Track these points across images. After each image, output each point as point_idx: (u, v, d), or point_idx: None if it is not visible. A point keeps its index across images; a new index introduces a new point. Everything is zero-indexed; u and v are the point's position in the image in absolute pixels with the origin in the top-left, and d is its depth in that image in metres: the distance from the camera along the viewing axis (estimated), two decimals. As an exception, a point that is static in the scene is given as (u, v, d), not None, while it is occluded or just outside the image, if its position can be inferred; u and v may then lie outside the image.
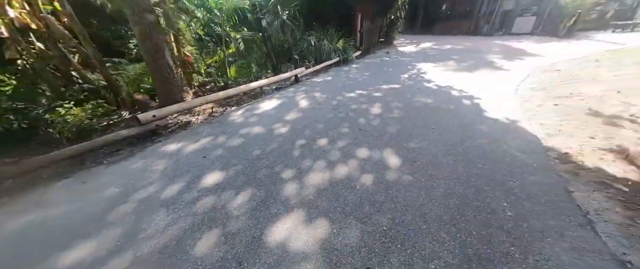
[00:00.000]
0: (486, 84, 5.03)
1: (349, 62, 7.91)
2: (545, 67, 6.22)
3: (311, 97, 4.62)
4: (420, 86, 5.09)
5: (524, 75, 5.61)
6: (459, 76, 5.79)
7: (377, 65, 7.52)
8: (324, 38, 7.44)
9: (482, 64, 7.05)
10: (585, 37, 11.25)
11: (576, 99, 3.91)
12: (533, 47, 9.50)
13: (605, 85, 4.53)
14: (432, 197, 1.94)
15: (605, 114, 3.26)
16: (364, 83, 5.46)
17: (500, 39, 12.11)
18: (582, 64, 6.40)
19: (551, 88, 4.58)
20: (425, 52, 9.86)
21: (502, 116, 3.39)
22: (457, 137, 2.86)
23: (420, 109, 3.79)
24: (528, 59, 7.52)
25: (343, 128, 3.22)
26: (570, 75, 5.40)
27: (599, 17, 13.65)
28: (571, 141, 2.69)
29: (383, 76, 6.13)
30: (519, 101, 4.01)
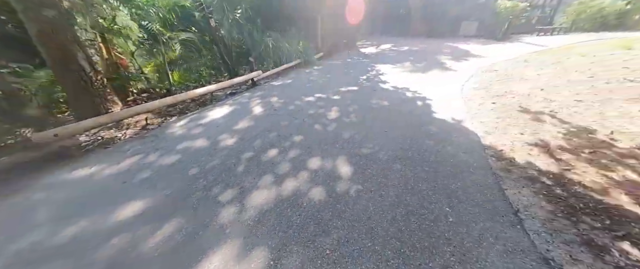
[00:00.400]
0: (437, 84, 5.34)
1: (310, 64, 7.80)
2: (485, 68, 6.88)
3: (267, 102, 4.36)
4: (377, 87, 5.19)
5: (468, 75, 6.11)
6: (414, 77, 6.08)
7: (338, 68, 7.54)
8: (284, 40, 7.20)
9: (434, 65, 7.53)
10: (517, 39, 12.91)
11: (509, 97, 4.35)
12: (476, 48, 10.54)
13: (531, 83, 5.13)
14: (380, 208, 1.87)
15: (531, 111, 3.66)
16: (323, 86, 5.38)
17: (450, 41, 13.24)
18: (514, 64, 7.25)
19: (490, 87, 5.05)
20: (385, 54, 10.25)
21: (449, 116, 3.58)
22: (408, 140, 2.90)
23: (376, 112, 3.81)
24: (472, 59, 8.28)
25: (297, 136, 3.05)
26: (505, 74, 6.05)
27: (527, 22, 15.81)
28: (505, 137, 2.92)
29: (343, 78, 6.14)
30: (463, 100, 4.31)
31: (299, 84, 5.66)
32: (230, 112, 3.89)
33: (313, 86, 5.44)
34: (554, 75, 5.62)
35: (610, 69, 5.74)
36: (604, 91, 4.23)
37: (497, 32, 13.12)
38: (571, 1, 17.43)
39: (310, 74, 6.70)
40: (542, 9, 16.93)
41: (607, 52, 8.05)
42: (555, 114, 3.49)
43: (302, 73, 6.83)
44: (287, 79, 6.10)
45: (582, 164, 2.34)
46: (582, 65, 6.50)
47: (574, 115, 3.39)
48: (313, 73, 6.78)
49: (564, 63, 6.83)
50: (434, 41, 13.66)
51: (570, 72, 5.84)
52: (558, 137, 2.84)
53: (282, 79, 6.14)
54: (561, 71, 5.99)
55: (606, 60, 6.93)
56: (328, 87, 5.26)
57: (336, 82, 5.73)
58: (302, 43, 7.75)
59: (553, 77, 5.42)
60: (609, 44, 9.58)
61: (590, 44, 10.73)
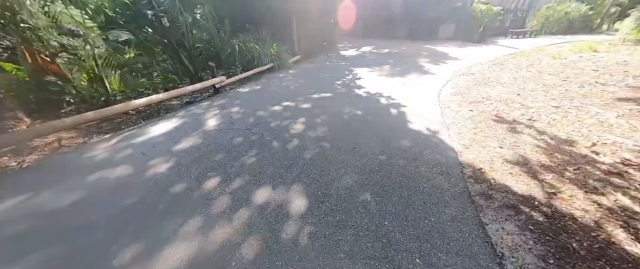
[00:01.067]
0: (414, 89, 5.06)
1: (285, 68, 7.32)
2: (463, 71, 6.76)
3: (226, 113, 3.82)
4: (352, 94, 4.82)
5: (446, 79, 5.92)
6: (392, 81, 5.79)
7: (314, 71, 7.13)
8: (254, 42, 6.66)
9: (412, 68, 7.33)
10: (492, 42, 13.23)
11: (487, 103, 4.13)
12: (454, 51, 10.59)
13: (508, 87, 5.00)
14: (332, 265, 1.44)
15: (509, 119, 3.43)
16: (294, 92, 4.92)
17: (430, 43, 13.33)
18: (491, 67, 7.22)
19: (467, 92, 4.85)
20: (365, 57, 10.00)
21: (425, 127, 3.25)
22: (377, 159, 2.51)
23: (346, 123, 3.40)
24: (450, 62, 8.20)
25: (249, 157, 2.56)
26: (482, 78, 5.93)
27: (500, 25, 16.37)
28: (484, 153, 2.62)
29: (317, 83, 5.72)
30: (440, 107, 4.03)
31: (268, 90, 5.16)
32: (176, 127, 3.31)
33: (283, 92, 4.97)
34: (529, 78, 5.56)
35: (581, 72, 5.78)
36: (578, 95, 4.13)
37: (474, 35, 13.37)
38: (540, 5, 18.35)
39: (283, 78, 6.22)
40: (515, 13, 17.64)
41: (575, 55, 8.29)
42: (534, 122, 3.27)
43: (274, 78, 6.33)
44: (256, 85, 5.58)
45: (567, 186, 2.06)
46: (555, 68, 6.56)
47: (552, 123, 3.19)
48: (286, 78, 6.31)
49: (537, 66, 6.88)
50: (413, 44, 13.68)
51: (544, 75, 5.81)
52: (539, 151, 2.58)
53: (251, 85, 5.61)
54: (536, 74, 5.97)
55: (576, 62, 7.06)
56: (299, 94, 4.81)
57: (309, 87, 5.30)
58: (275, 46, 7.25)
59: (528, 81, 5.34)
60: (576, 47, 9.95)
61: (559, 47, 11.16)
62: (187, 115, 3.77)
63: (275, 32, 9.46)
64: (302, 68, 7.63)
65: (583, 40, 13.16)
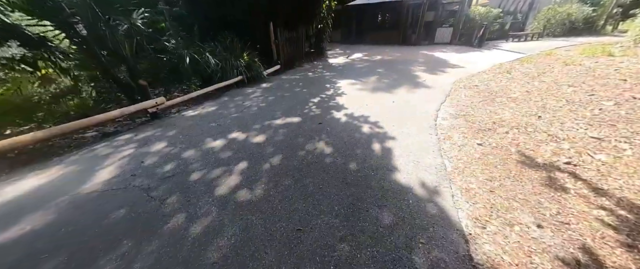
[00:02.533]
0: (406, 110, 4.04)
1: (257, 81, 6.33)
2: (464, 82, 5.76)
3: (139, 155, 2.76)
4: (326, 118, 3.79)
5: (444, 93, 4.91)
6: (379, 98, 4.77)
7: (292, 85, 6.13)
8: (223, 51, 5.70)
9: (405, 79, 6.34)
10: (493, 46, 12.31)
11: (501, 132, 3.10)
12: (453, 57, 9.63)
13: (523, 105, 3.98)
14: None
15: (537, 162, 2.39)
16: (253, 117, 3.89)
17: (426, 49, 12.41)
18: (496, 76, 6.23)
19: (472, 113, 3.82)
20: (353, 65, 9.03)
21: (417, 179, 2.20)
22: (333, 257, 1.46)
23: (303, 172, 2.35)
24: (449, 70, 7.22)
25: (118, 251, 1.52)
26: (488, 91, 4.92)
27: (500, 28, 15.51)
28: (512, 240, 1.57)
29: (289, 101, 4.71)
30: (438, 139, 2.99)
31: (221, 114, 4.12)
32: (38, 187, 2.25)
33: (239, 116, 3.93)
34: (546, 92, 4.55)
35: (607, 83, 4.77)
36: (620, 119, 3.10)
37: (473, 39, 12.48)
38: (541, 7, 17.56)
39: (249, 95, 5.20)
40: (514, 15, 16.83)
41: (590, 60, 7.32)
42: (576, 168, 2.24)
43: (240, 94, 5.32)
44: (210, 106, 4.55)
45: None
46: (572, 77, 5.56)
47: (605, 171, 2.15)
48: (254, 94, 5.30)
49: (551, 74, 5.89)
50: (409, 49, 12.77)
51: (564, 87, 4.81)
52: (606, 236, 1.54)
53: (206, 106, 4.58)
54: (552, 85, 4.96)
55: (595, 70, 6.08)
56: (258, 119, 3.78)
57: (276, 108, 4.28)
58: (246, 55, 6.28)
59: (546, 96, 4.33)
60: (587, 50, 9.01)
61: (567, 50, 10.23)
62: (83, 157, 2.72)
63: (254, 39, 8.55)
64: (278, 81, 6.63)
65: (590, 43, 12.25)
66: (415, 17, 13.97)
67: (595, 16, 16.59)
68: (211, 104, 4.61)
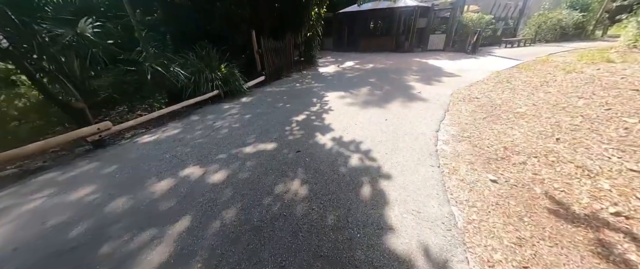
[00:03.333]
0: (401, 129, 3.47)
1: (237, 95, 5.73)
2: (463, 94, 5.27)
3: (50, 208, 2.09)
4: (307, 143, 3.19)
5: (443, 108, 4.38)
6: (369, 115, 4.20)
7: (275, 98, 5.54)
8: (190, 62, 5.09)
9: (398, 90, 5.82)
10: (487, 52, 12.05)
11: (516, 162, 2.54)
12: (448, 65, 9.24)
13: (534, 122, 3.45)
14: None
15: (577, 213, 1.83)
16: (221, 142, 3.26)
17: (419, 56, 12.07)
18: (496, 86, 5.77)
19: (477, 134, 3.27)
20: (344, 74, 8.53)
21: (419, 245, 1.59)
22: None
23: (263, 240, 1.71)
24: (445, 80, 6.75)
25: None
26: (491, 105, 4.41)
27: (493, 34, 15.39)
28: None
29: (268, 119, 4.10)
30: (441, 172, 2.41)
31: (183, 139, 3.47)
32: None
33: (203, 143, 3.29)
34: (556, 105, 4.06)
35: (620, 93, 4.32)
36: (659, 143, 2.60)
37: (466, 45, 12.20)
38: (530, 13, 17.63)
39: (223, 113, 4.58)
40: (506, 21, 16.81)
41: (590, 67, 6.98)
42: (631, 224, 1.67)
43: (213, 112, 4.69)
44: (174, 128, 3.89)
45: None
46: (579, 87, 5.13)
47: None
48: (230, 111, 4.68)
49: (554, 84, 5.46)
50: (402, 56, 12.41)
51: (573, 99, 4.35)
52: None
53: (167, 128, 3.91)
54: (560, 97, 4.50)
55: (599, 78, 5.68)
56: (226, 146, 3.16)
57: (250, 130, 3.67)
58: (224, 67, 5.69)
59: (557, 110, 3.83)
60: (584, 56, 8.74)
61: (563, 56, 9.98)
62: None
63: (237, 49, 7.99)
64: (260, 94, 6.04)
65: (583, 48, 12.11)
66: (407, 24, 13.71)
67: (584, 21, 16.68)
68: (176, 125, 3.97)
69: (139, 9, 7.81)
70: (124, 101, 4.67)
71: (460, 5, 13.19)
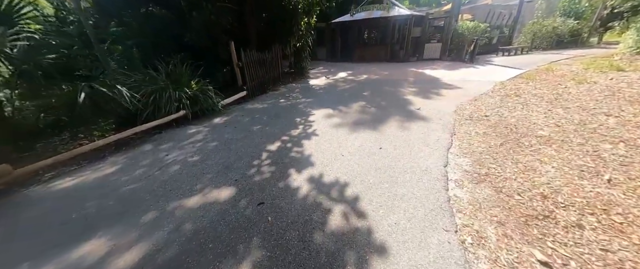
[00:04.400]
0: (398, 167, 2.71)
1: (210, 114, 4.97)
2: (469, 110, 4.58)
3: None
4: (277, 187, 2.41)
5: (448, 130, 3.65)
6: (359, 142, 3.46)
7: (253, 119, 4.79)
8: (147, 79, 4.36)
9: (394, 106, 5.12)
10: (485, 61, 11.58)
11: (569, 226, 1.74)
12: (446, 75, 8.66)
13: (567, 153, 2.69)
14: None
15: None
16: (161, 188, 2.46)
17: (415, 66, 11.55)
18: (504, 100, 5.10)
19: (498, 170, 2.53)
20: (336, 87, 7.87)
21: None
22: None
23: None
24: (445, 93, 6.10)
25: None
26: (505, 126, 3.70)
27: (488, 43, 15.08)
28: None
29: (235, 149, 3.33)
30: (462, 249, 1.64)
31: (114, 183, 2.64)
32: None
33: (136, 190, 2.48)
34: (584, 126, 3.36)
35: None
36: None
37: (463, 54, 11.74)
38: (524, 21, 17.48)
39: (184, 140, 3.80)
40: (501, 30, 16.59)
41: (603, 77, 6.40)
42: None
43: (174, 138, 3.90)
44: (113, 164, 3.08)
45: None
46: (599, 101, 4.49)
47: None
48: (193, 137, 3.90)
49: (569, 97, 4.81)
50: (397, 66, 11.88)
51: (600, 118, 3.66)
52: None
53: (105, 164, 3.10)
54: (584, 115, 3.81)
55: (619, 90, 5.06)
56: (166, 194, 2.36)
57: (207, 167, 2.88)
58: (194, 83, 4.97)
59: (588, 133, 3.12)
60: (590, 64, 8.22)
61: (566, 64, 9.49)
62: None
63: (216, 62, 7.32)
64: (238, 113, 5.29)
65: (583, 55, 11.71)
66: (402, 33, 13.29)
67: (580, 29, 16.53)
68: (116, 160, 3.16)
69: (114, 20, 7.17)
70: (76, 124, 3.88)
71: (455, 14, 12.86)
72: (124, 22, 6.93)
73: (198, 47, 7.18)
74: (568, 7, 17.67)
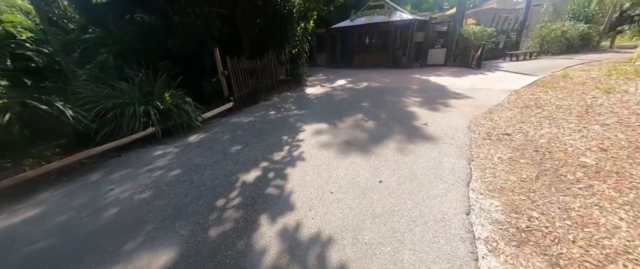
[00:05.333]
0: (403, 213, 2.01)
1: (185, 131, 4.36)
2: (486, 126, 3.89)
3: None
4: (233, 249, 1.73)
5: (463, 155, 2.97)
6: (353, 171, 2.79)
7: (234, 136, 4.16)
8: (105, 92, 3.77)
9: (396, 121, 4.45)
10: (493, 67, 10.92)
11: None
12: (453, 83, 8.00)
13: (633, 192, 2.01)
14: None
15: None
16: (94, 238, 1.81)
17: (419, 72, 10.92)
18: (524, 113, 4.41)
19: (547, 226, 1.84)
20: (333, 96, 7.25)
21: None
22: None
23: None
24: (454, 104, 5.42)
25: None
26: (536, 150, 3.01)
27: (495, 48, 14.43)
28: None
29: (201, 181, 2.68)
30: None
31: (15, 236, 2.02)
32: None
33: (42, 249, 1.84)
34: (635, 148, 2.66)
35: None
36: None
37: (470, 60, 11.10)
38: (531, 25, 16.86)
39: (141, 167, 3.15)
40: (507, 34, 15.96)
41: (633, 85, 5.70)
42: None
43: (130, 164, 3.26)
44: (36, 205, 2.41)
45: None
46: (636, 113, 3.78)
47: None
48: (154, 164, 3.25)
49: (604, 110, 4.09)
50: (399, 73, 11.27)
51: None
52: None
53: (23, 207, 2.49)
54: (632, 134, 3.11)
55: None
56: (77, 261, 1.72)
57: (154, 208, 2.24)
58: (169, 96, 4.38)
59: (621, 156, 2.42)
60: (612, 71, 7.49)
61: (583, 69, 8.76)
62: None
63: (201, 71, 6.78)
64: (219, 128, 4.66)
65: (598, 60, 10.96)
66: (404, 38, 12.74)
67: (591, 33, 15.81)
68: (49, 197, 2.52)
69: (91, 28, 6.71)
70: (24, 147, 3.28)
71: (459, 18, 12.30)
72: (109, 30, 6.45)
73: (184, 55, 6.66)
74: (577, 10, 16.99)
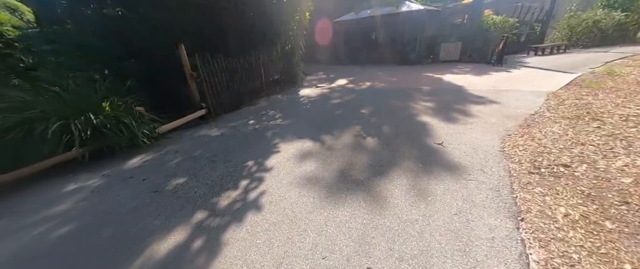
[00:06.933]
0: None
1: (131, 150, 3.45)
2: (528, 151, 2.77)
3: None
4: None
5: (507, 211, 1.89)
6: (341, 239, 1.79)
7: (184, 161, 3.21)
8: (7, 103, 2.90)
9: (404, 138, 3.38)
10: (518, 63, 9.52)
11: None
12: (473, 82, 6.77)
13: None
14: None
15: None
16: None
17: (430, 69, 9.67)
18: (583, 129, 3.23)
19: None
20: (329, 100, 6.21)
21: None
22: None
23: None
24: (478, 112, 4.27)
25: None
26: (622, 198, 1.91)
27: (516, 41, 12.90)
28: None
29: (93, 246, 1.76)
30: None
31: None
32: None
33: None
34: None
35: None
36: None
37: (490, 55, 9.74)
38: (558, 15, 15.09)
39: (31, 212, 2.28)
40: (530, 25, 14.29)
41: None
42: None
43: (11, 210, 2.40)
44: None
45: None
46: None
47: None
48: (48, 209, 2.35)
49: None
50: (408, 70, 10.05)
51: None
52: None
53: None
54: None
55: None
56: None
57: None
58: (108, 105, 3.46)
59: None
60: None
61: (628, 65, 7.33)
62: None
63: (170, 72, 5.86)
64: (173, 146, 3.72)
65: (642, 54, 9.42)
66: (413, 32, 11.43)
67: (628, 22, 13.92)
68: None
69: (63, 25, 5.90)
70: None
71: (477, 8, 10.89)
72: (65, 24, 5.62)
73: (156, 54, 5.76)
74: (613, -3, 15.04)
